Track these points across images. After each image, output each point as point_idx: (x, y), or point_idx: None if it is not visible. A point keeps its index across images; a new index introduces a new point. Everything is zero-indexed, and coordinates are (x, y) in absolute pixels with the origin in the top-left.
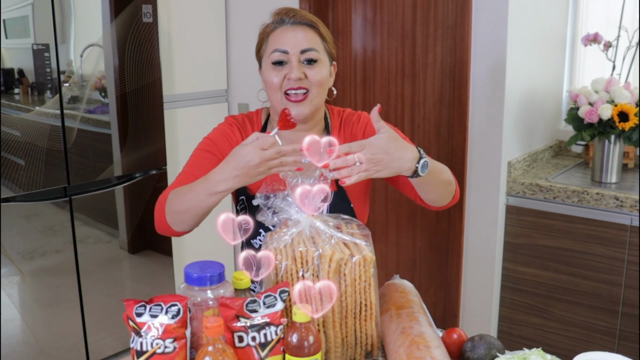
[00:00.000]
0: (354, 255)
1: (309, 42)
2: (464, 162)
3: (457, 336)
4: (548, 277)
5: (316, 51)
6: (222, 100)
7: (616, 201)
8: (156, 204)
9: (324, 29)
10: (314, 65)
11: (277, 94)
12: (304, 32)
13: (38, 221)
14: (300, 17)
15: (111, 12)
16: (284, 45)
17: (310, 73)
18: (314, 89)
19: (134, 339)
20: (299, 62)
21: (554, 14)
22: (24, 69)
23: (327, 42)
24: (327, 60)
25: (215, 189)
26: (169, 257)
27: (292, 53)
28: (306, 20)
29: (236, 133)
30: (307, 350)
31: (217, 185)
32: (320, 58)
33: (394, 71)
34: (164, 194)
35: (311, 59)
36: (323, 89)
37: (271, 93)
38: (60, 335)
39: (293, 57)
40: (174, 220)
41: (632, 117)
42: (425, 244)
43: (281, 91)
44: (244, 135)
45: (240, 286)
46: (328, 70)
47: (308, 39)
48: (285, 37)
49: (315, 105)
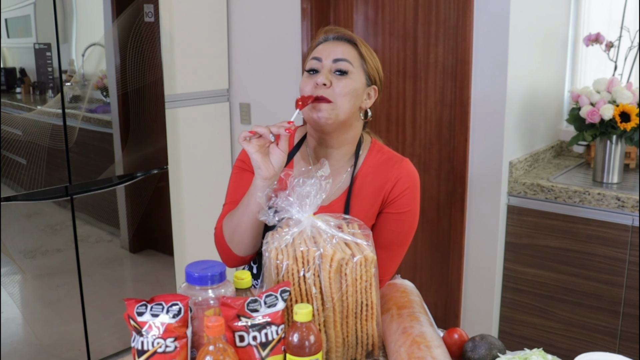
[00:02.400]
0: (355, 255)
1: (343, 54)
2: (465, 162)
3: (458, 336)
4: (549, 277)
5: (349, 63)
6: (224, 100)
7: (617, 201)
8: (215, 238)
9: (366, 50)
10: (343, 77)
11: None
12: (342, 47)
13: (39, 220)
14: (342, 33)
15: (113, 12)
16: (320, 54)
17: (337, 84)
18: (338, 100)
19: (135, 338)
20: (329, 71)
21: (556, 14)
22: (26, 69)
23: (367, 63)
24: (363, 78)
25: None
26: (170, 256)
27: (325, 62)
28: (346, 36)
29: None
30: (308, 350)
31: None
32: (352, 71)
33: (396, 71)
34: (218, 229)
35: (342, 69)
36: (349, 102)
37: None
38: (61, 334)
39: (325, 66)
40: (234, 245)
41: (633, 117)
42: (427, 243)
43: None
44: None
45: (241, 286)
46: (360, 87)
47: (344, 51)
48: (324, 48)
49: (337, 115)
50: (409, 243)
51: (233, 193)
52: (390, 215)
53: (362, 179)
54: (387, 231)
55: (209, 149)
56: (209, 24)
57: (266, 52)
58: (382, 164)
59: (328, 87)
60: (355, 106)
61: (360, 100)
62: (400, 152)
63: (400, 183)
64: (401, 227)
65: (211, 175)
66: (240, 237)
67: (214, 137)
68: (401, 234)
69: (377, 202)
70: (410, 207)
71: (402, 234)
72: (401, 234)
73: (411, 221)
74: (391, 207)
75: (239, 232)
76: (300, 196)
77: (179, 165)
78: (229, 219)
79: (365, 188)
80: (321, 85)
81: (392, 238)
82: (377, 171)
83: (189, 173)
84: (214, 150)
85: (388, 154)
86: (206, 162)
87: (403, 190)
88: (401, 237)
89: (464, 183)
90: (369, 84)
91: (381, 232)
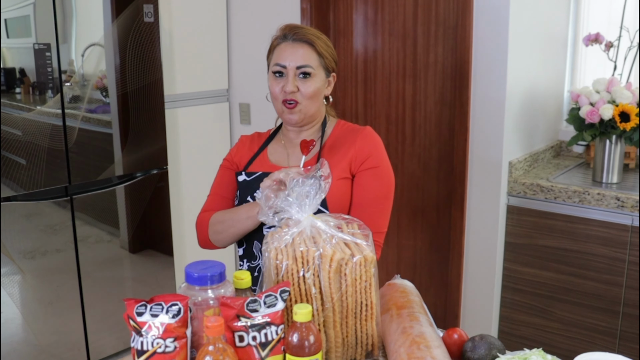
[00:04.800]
0: (354, 255)
1: (305, 59)
2: (464, 162)
3: (457, 336)
4: (549, 277)
5: (311, 67)
6: (224, 100)
7: (617, 201)
8: (196, 223)
9: (322, 45)
10: (307, 79)
11: (276, 101)
12: (302, 50)
13: (39, 220)
14: (301, 35)
15: (112, 12)
16: (284, 61)
17: (302, 87)
18: (304, 101)
19: (135, 338)
20: (294, 76)
21: (555, 14)
22: (26, 69)
23: (325, 58)
24: (323, 74)
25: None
26: (170, 256)
27: (290, 68)
28: (306, 38)
29: (246, 143)
30: (308, 350)
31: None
32: (314, 73)
33: (395, 71)
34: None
35: (305, 72)
36: (314, 99)
37: (273, 100)
38: (61, 334)
39: (290, 72)
40: (215, 241)
41: (633, 117)
42: (426, 244)
43: (279, 100)
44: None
45: (240, 286)
46: (322, 83)
47: (305, 55)
48: (286, 52)
49: (306, 113)
50: (391, 196)
51: (217, 187)
52: (365, 172)
53: (331, 143)
54: (368, 187)
55: (209, 149)
56: (208, 24)
57: (266, 53)
58: (347, 133)
59: (296, 93)
60: (319, 100)
61: (322, 93)
62: (400, 152)
63: (366, 143)
64: (380, 181)
65: (211, 175)
66: (224, 240)
67: (214, 137)
68: (383, 187)
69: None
70: (381, 163)
71: (384, 187)
72: (383, 187)
73: (387, 175)
74: (363, 165)
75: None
76: (300, 196)
77: (179, 166)
78: (217, 222)
79: (333, 150)
80: (289, 92)
81: (375, 192)
82: (343, 138)
83: (189, 173)
84: (214, 151)
85: (352, 126)
86: (206, 162)
87: (370, 149)
88: (383, 190)
89: (464, 183)
90: (327, 76)
91: (364, 190)
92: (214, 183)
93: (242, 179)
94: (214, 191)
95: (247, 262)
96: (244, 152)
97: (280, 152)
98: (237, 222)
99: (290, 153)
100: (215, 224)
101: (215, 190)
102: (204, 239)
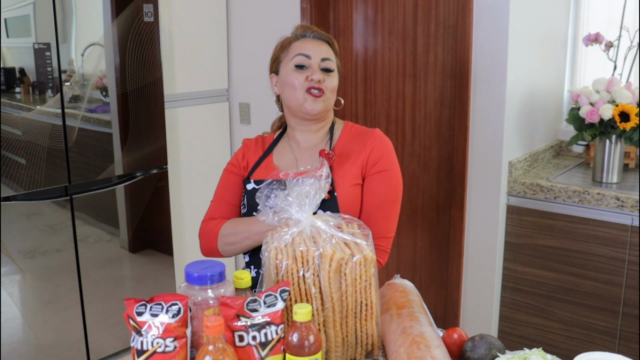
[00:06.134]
0: (354, 255)
1: (328, 54)
2: (464, 162)
3: (457, 336)
4: (549, 277)
5: (332, 62)
6: (223, 100)
7: (617, 201)
8: (200, 231)
9: (337, 46)
10: (329, 74)
11: (297, 92)
12: (324, 46)
13: (39, 220)
14: (320, 33)
15: (112, 12)
16: (308, 51)
17: (326, 80)
18: (328, 93)
19: (135, 338)
20: (319, 68)
21: (555, 14)
22: (25, 68)
23: (338, 58)
24: (337, 73)
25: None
26: (170, 256)
27: (314, 59)
28: (325, 37)
29: (251, 147)
30: (308, 350)
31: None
32: (334, 69)
33: (395, 71)
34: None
35: (328, 68)
36: (334, 95)
37: (291, 92)
38: (60, 334)
39: (314, 62)
40: (224, 252)
41: (633, 117)
42: (426, 243)
43: (302, 89)
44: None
45: (240, 285)
46: (338, 81)
47: (327, 51)
48: (308, 45)
49: (327, 106)
50: (399, 201)
51: (221, 192)
52: (375, 176)
53: (341, 147)
54: (376, 191)
55: (209, 149)
56: (208, 24)
57: (266, 52)
58: (356, 136)
59: (322, 83)
60: (335, 97)
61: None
62: (400, 152)
63: (376, 146)
64: (388, 185)
65: (211, 175)
66: (236, 252)
67: (214, 137)
68: (390, 191)
69: (357, 166)
70: (391, 166)
71: (392, 191)
72: (390, 191)
73: (395, 178)
74: (373, 168)
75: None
76: (300, 196)
77: (179, 165)
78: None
79: (344, 154)
80: (316, 81)
81: (383, 196)
82: (353, 141)
83: (189, 173)
84: (214, 150)
85: (361, 128)
86: (206, 162)
87: (380, 152)
88: (391, 194)
89: (464, 183)
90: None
91: (372, 194)
92: (218, 188)
93: (250, 187)
94: (219, 197)
95: (254, 269)
96: (250, 156)
97: (287, 157)
98: (255, 235)
99: (298, 158)
100: (228, 235)
101: (219, 196)
102: (210, 248)
